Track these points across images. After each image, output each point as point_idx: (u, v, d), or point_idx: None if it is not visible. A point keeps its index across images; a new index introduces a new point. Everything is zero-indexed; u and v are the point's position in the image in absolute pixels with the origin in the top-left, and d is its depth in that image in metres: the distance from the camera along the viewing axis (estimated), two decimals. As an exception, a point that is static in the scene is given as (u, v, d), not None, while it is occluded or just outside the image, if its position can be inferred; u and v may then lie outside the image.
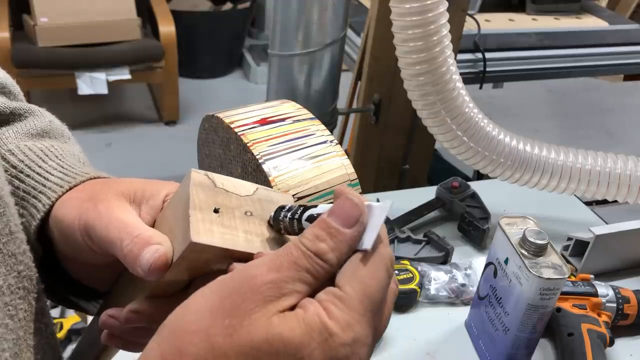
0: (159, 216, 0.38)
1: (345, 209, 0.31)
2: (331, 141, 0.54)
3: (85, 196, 0.40)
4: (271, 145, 0.51)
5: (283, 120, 0.54)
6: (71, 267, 0.43)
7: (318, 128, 0.55)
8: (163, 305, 0.35)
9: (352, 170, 0.53)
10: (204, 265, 0.33)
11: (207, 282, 0.32)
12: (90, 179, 0.43)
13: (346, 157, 0.54)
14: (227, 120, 0.53)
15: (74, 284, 0.44)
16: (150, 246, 0.34)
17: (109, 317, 0.37)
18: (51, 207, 0.41)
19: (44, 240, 0.42)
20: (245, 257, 0.32)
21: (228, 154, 0.54)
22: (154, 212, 0.38)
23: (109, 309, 0.37)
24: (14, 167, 0.43)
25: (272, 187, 0.49)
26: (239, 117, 0.53)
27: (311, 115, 0.56)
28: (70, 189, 0.42)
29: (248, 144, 0.51)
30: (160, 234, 0.35)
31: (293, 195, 0.50)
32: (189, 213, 0.31)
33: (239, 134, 0.51)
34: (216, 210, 0.32)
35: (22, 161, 0.44)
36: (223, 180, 0.34)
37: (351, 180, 0.53)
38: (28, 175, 0.43)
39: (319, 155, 0.52)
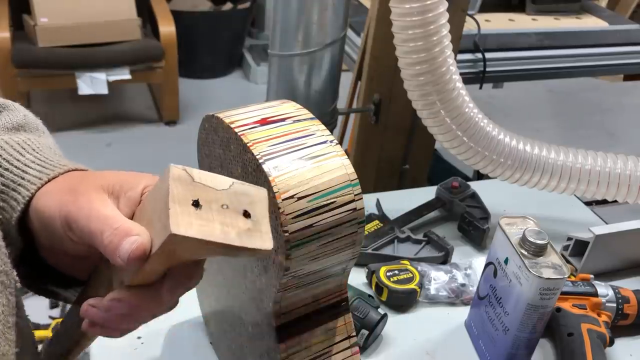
0: (138, 208, 0.40)
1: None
2: (331, 141, 0.54)
3: (65, 188, 0.41)
4: (271, 145, 0.51)
5: (283, 120, 0.54)
6: (50, 257, 0.44)
7: (318, 128, 0.54)
8: (142, 293, 0.37)
9: (352, 170, 0.53)
10: (182, 255, 0.36)
11: (183, 270, 0.37)
12: (68, 171, 0.44)
13: (346, 157, 0.53)
14: (227, 120, 0.53)
15: (52, 272, 0.45)
16: (130, 237, 0.35)
17: (90, 307, 0.38)
18: (30, 199, 0.42)
19: (23, 231, 0.43)
20: (221, 248, 0.34)
21: (228, 154, 0.54)
22: (132, 204, 0.40)
23: (89, 298, 0.38)
24: None
25: (272, 187, 0.49)
26: (239, 117, 0.53)
27: (311, 115, 0.56)
28: (49, 180, 0.43)
29: (248, 144, 0.50)
30: (139, 226, 0.36)
31: (293, 196, 0.50)
32: (169, 206, 0.33)
33: (239, 134, 0.51)
34: (195, 203, 0.34)
35: (0, 155, 0.45)
36: (201, 175, 0.35)
37: (351, 180, 0.53)
38: (7, 169, 0.44)
39: (319, 155, 0.52)
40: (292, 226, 0.49)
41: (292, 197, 0.49)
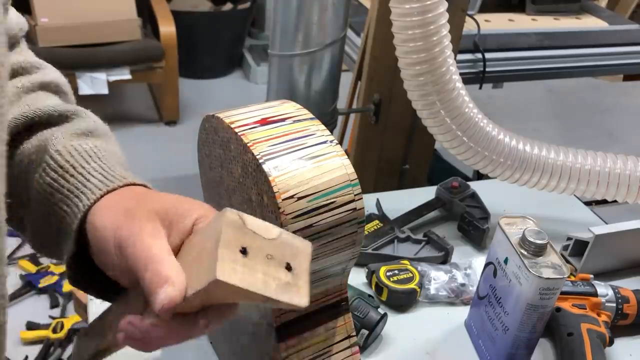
0: (187, 241, 0.41)
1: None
2: (331, 141, 0.54)
3: (122, 209, 0.43)
4: (271, 146, 0.51)
5: (283, 120, 0.54)
6: (99, 262, 0.46)
7: (318, 128, 0.55)
8: (179, 322, 0.39)
9: (352, 170, 0.53)
10: (221, 298, 0.37)
11: (220, 306, 0.38)
12: (128, 184, 0.47)
13: (346, 157, 0.54)
14: (227, 120, 0.53)
15: (98, 273, 0.47)
16: (167, 287, 0.37)
17: (129, 324, 0.39)
18: (90, 207, 0.45)
19: (78, 236, 0.45)
20: (260, 299, 0.35)
21: (228, 154, 0.54)
22: (183, 234, 0.41)
23: (129, 315, 0.40)
24: (61, 167, 0.47)
25: (272, 187, 0.49)
26: (239, 117, 0.53)
27: (311, 116, 0.56)
28: (108, 192, 0.45)
29: (248, 144, 0.51)
30: (177, 272, 0.38)
31: (293, 196, 0.50)
32: (217, 250, 0.34)
33: (239, 134, 0.51)
34: (242, 250, 0.35)
35: (68, 161, 0.48)
36: (252, 222, 0.36)
37: (351, 180, 0.53)
38: (72, 175, 0.47)
39: (319, 155, 0.52)
40: (292, 226, 0.49)
41: (292, 197, 0.49)
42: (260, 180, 0.50)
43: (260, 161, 0.49)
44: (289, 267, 0.36)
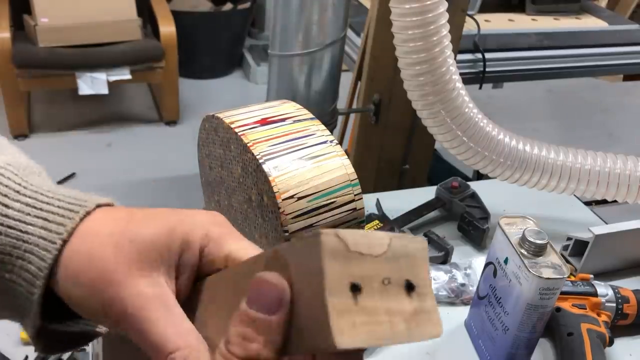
0: (210, 284, 0.31)
1: (264, 291, 0.26)
2: (331, 141, 0.54)
3: (94, 273, 0.31)
4: (271, 145, 0.51)
5: (283, 120, 0.54)
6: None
7: (318, 128, 0.55)
8: None
9: (352, 170, 0.53)
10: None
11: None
12: (87, 212, 0.32)
13: (346, 157, 0.54)
14: (227, 121, 0.53)
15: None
16: None
17: None
18: (48, 272, 0.31)
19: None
20: (386, 345, 0.26)
21: (229, 154, 0.54)
22: (190, 274, 0.32)
23: None
24: None
25: (272, 187, 0.49)
26: (239, 117, 0.53)
27: (311, 116, 0.56)
28: (64, 242, 0.31)
29: (248, 144, 0.51)
30: (200, 344, 0.29)
31: (293, 196, 0.50)
32: (327, 304, 0.24)
33: (239, 134, 0.51)
34: (354, 287, 0.25)
35: None
36: (355, 238, 0.25)
37: (351, 180, 0.53)
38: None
39: (319, 155, 0.52)
40: (292, 226, 0.49)
41: (292, 197, 0.49)
42: (261, 180, 0.50)
43: (260, 161, 0.49)
44: (409, 286, 0.27)
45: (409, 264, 0.27)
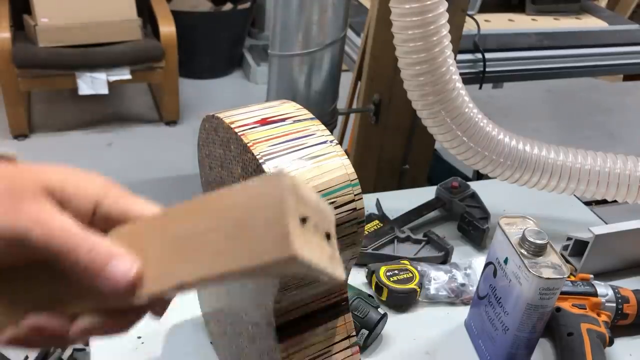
0: (126, 229, 0.34)
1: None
2: (331, 141, 0.54)
3: None
4: (271, 145, 0.51)
5: (283, 120, 0.54)
6: None
7: (318, 128, 0.55)
8: (120, 319, 0.32)
9: (352, 170, 0.53)
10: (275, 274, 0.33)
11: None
12: None
13: (346, 157, 0.54)
14: (227, 120, 0.53)
15: None
16: (117, 261, 0.31)
17: (41, 326, 0.32)
18: None
19: None
20: (314, 272, 0.30)
21: (228, 154, 0.54)
22: (80, 218, 0.33)
23: (37, 316, 0.32)
24: None
25: None
26: (239, 117, 0.53)
27: (311, 116, 0.56)
28: None
29: (248, 144, 0.51)
30: (124, 250, 0.32)
31: None
32: (287, 220, 0.28)
33: (239, 134, 0.51)
34: (303, 220, 0.29)
35: None
36: (303, 186, 0.30)
37: (351, 180, 0.53)
38: None
39: (319, 155, 0.52)
40: None
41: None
42: None
43: (261, 161, 0.49)
44: (327, 235, 0.32)
45: (327, 220, 0.32)
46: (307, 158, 0.52)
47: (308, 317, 0.58)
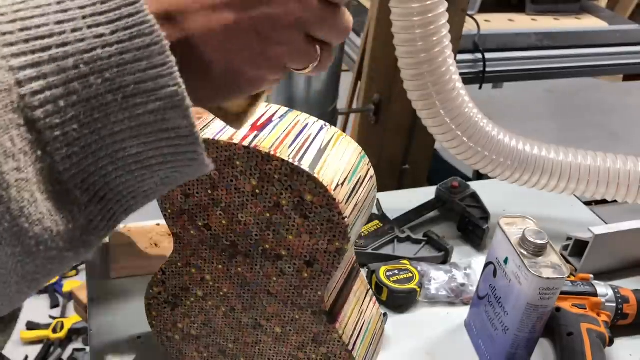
0: None
1: None
2: (325, 124, 0.57)
3: None
4: (290, 147, 0.52)
5: (270, 119, 0.55)
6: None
7: (305, 117, 0.57)
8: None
9: (357, 144, 0.57)
10: None
11: None
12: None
13: (344, 134, 0.57)
14: (224, 138, 0.51)
15: None
16: None
17: None
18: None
19: None
20: None
21: (229, 171, 0.53)
22: None
23: None
24: None
25: (320, 183, 0.50)
26: (230, 131, 0.52)
27: (285, 107, 0.58)
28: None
29: (271, 153, 0.50)
30: None
31: (337, 184, 0.52)
32: None
33: (250, 146, 0.51)
34: None
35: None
36: None
37: (360, 153, 0.57)
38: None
39: (328, 141, 0.55)
40: (347, 211, 0.52)
41: (337, 185, 0.51)
42: (300, 182, 0.50)
43: (296, 164, 0.50)
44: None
45: None
46: (323, 147, 0.54)
47: (342, 289, 0.62)
